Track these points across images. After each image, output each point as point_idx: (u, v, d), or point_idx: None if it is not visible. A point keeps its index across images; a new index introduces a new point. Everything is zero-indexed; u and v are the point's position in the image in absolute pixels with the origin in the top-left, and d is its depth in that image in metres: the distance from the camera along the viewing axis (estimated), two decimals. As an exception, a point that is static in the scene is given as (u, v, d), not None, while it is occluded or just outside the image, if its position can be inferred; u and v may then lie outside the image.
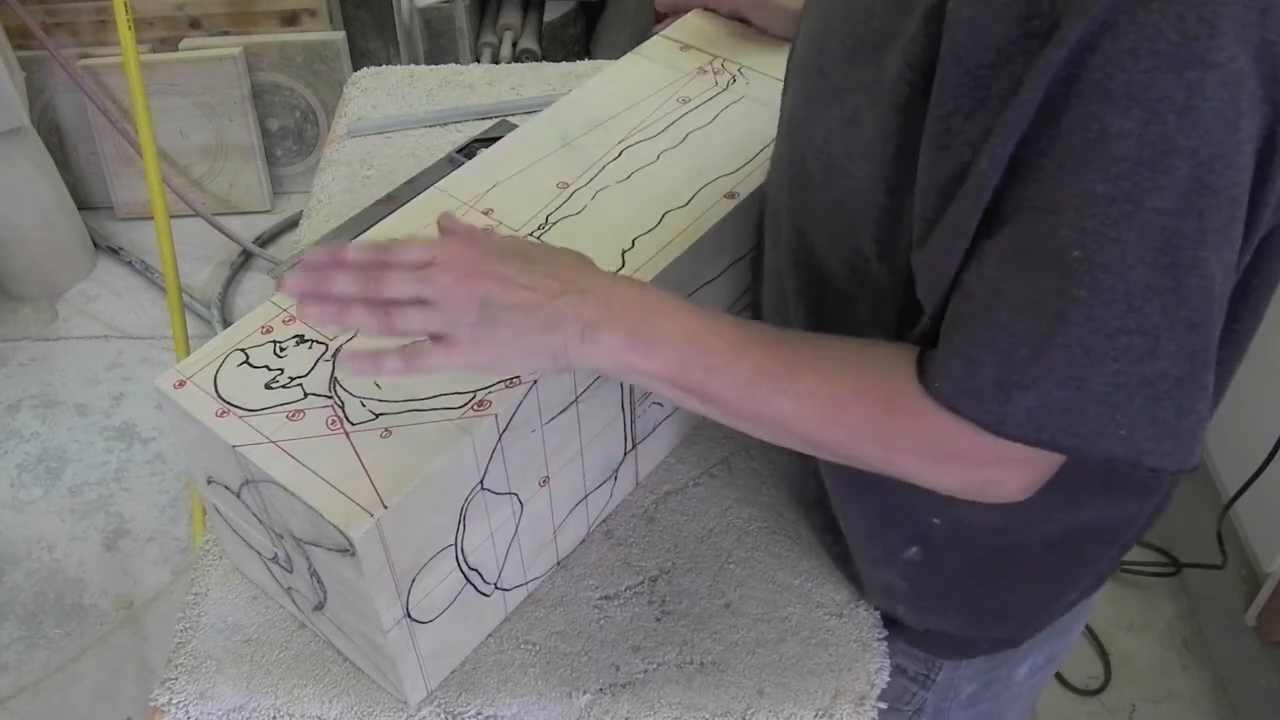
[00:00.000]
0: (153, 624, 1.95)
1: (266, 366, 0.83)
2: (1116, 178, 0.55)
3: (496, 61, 2.56)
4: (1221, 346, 0.60)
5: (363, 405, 0.79)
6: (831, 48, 0.71)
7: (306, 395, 0.80)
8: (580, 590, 0.94)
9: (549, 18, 2.65)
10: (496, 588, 0.89)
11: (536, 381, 0.80)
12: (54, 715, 1.84)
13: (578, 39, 2.74)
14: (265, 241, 2.66)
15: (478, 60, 2.59)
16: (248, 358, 0.83)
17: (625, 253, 0.90)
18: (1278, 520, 1.69)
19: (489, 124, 1.35)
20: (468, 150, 1.27)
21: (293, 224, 2.64)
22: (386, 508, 0.72)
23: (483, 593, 0.87)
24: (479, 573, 0.85)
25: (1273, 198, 0.58)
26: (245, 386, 0.81)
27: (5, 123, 2.30)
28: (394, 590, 0.77)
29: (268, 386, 0.81)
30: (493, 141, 1.16)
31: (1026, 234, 0.58)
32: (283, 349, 0.84)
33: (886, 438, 0.67)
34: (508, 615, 0.92)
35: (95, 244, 2.66)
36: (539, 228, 0.92)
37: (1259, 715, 1.71)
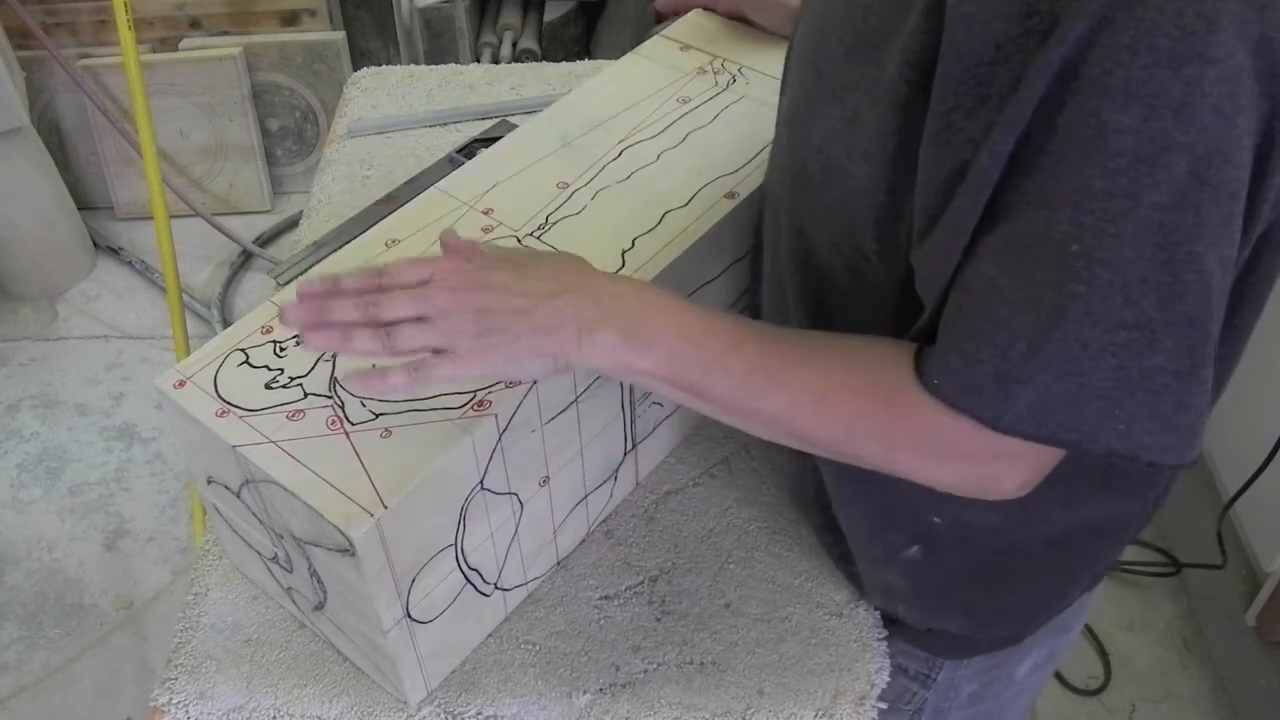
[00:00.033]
0: (153, 624, 1.95)
1: (266, 366, 0.83)
2: (1114, 173, 0.55)
3: (496, 61, 2.56)
4: (1221, 343, 0.60)
5: (363, 405, 0.79)
6: (830, 47, 0.71)
7: (306, 395, 0.80)
8: (580, 590, 0.94)
9: (549, 18, 2.65)
10: (496, 588, 0.89)
11: (536, 381, 0.80)
12: (54, 715, 1.84)
13: (578, 39, 2.74)
14: (265, 241, 2.66)
15: (478, 60, 2.59)
16: (248, 358, 0.83)
17: (625, 253, 0.90)
18: (1278, 520, 1.69)
19: (489, 124, 1.35)
20: (468, 150, 1.27)
21: (293, 224, 2.64)
22: (386, 508, 0.73)
23: (483, 593, 0.87)
24: (479, 573, 0.85)
25: (1271, 193, 0.58)
26: (245, 386, 0.81)
27: (5, 123, 2.30)
28: (394, 590, 0.77)
29: (268, 386, 0.81)
30: (493, 141, 1.16)
31: (1025, 229, 0.58)
32: (283, 349, 0.84)
33: (884, 434, 0.67)
34: (508, 615, 0.92)
35: (95, 244, 2.66)
36: (539, 228, 0.92)
37: (1259, 715, 1.71)
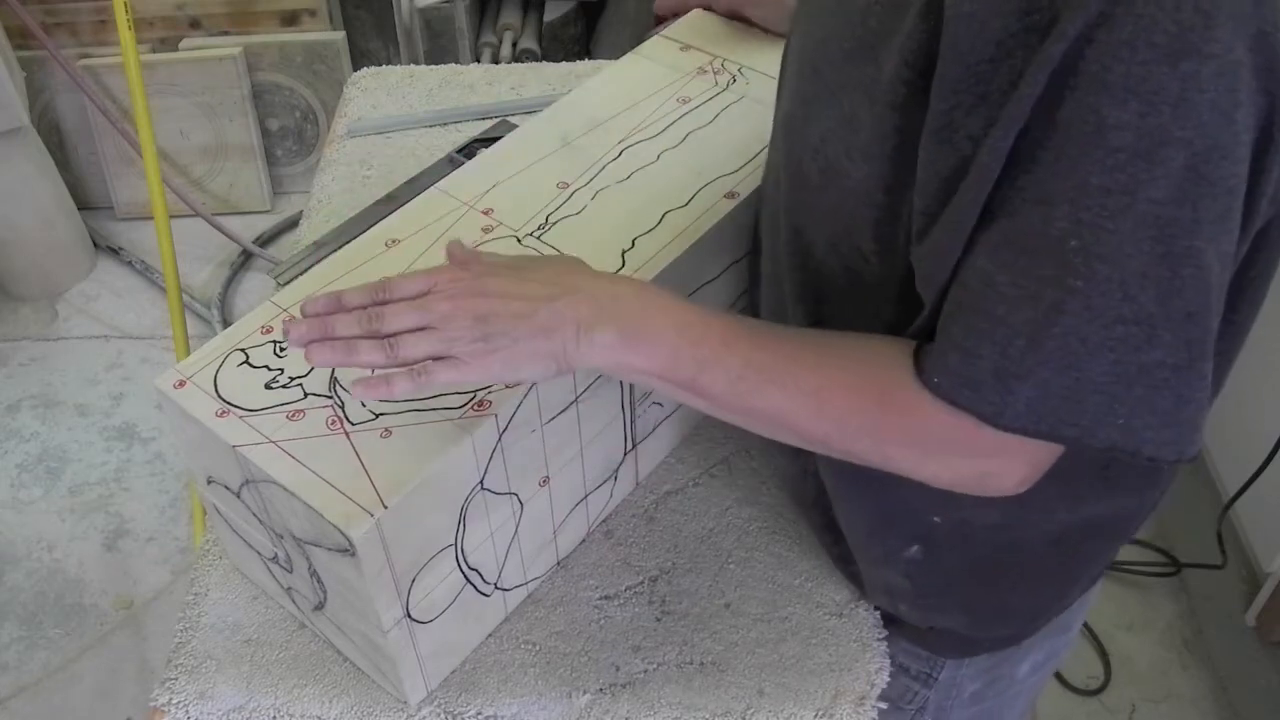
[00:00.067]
0: (153, 624, 1.95)
1: (266, 366, 0.83)
2: (1113, 169, 0.55)
3: (496, 61, 2.56)
4: (1220, 338, 0.61)
5: (363, 405, 0.79)
6: (827, 48, 0.71)
7: (306, 395, 0.80)
8: (580, 590, 0.94)
9: (549, 18, 2.65)
10: (496, 588, 0.89)
11: (536, 382, 0.80)
12: (54, 715, 1.84)
13: (578, 39, 2.74)
14: (265, 241, 2.66)
15: (478, 60, 2.59)
16: (248, 358, 0.83)
17: (625, 253, 0.90)
18: (1278, 520, 1.69)
19: (489, 124, 1.35)
20: (468, 150, 1.27)
21: (293, 224, 2.64)
22: (386, 508, 0.73)
23: (483, 593, 0.87)
24: (479, 573, 0.85)
25: (1269, 189, 0.59)
26: (245, 386, 0.81)
27: (5, 123, 2.30)
28: (394, 590, 0.77)
29: (268, 386, 0.81)
30: (493, 141, 1.16)
31: (1023, 225, 0.58)
32: (283, 349, 0.84)
33: (881, 431, 0.68)
34: (508, 615, 0.92)
35: (95, 244, 2.66)
36: (539, 228, 0.92)
37: (1259, 715, 1.70)
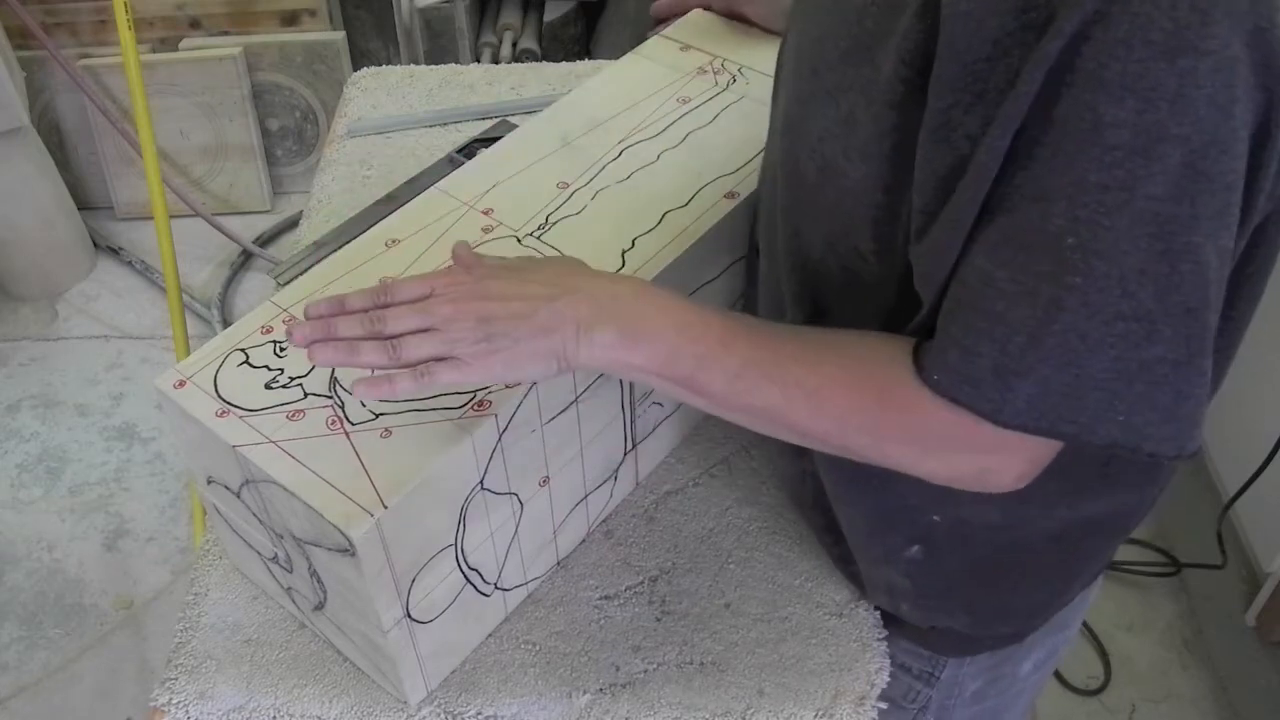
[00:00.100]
0: (153, 624, 1.95)
1: (266, 366, 0.83)
2: (1110, 166, 0.55)
3: (496, 61, 2.56)
4: (1218, 334, 0.61)
5: (363, 405, 0.79)
6: (823, 47, 0.71)
7: (306, 395, 0.80)
8: (580, 590, 0.94)
9: (549, 18, 2.65)
10: (496, 588, 0.89)
11: (536, 382, 0.80)
12: (54, 715, 1.84)
13: (578, 39, 2.74)
14: (265, 241, 2.66)
15: (478, 60, 2.59)
16: (248, 358, 0.83)
17: (625, 253, 0.90)
18: (1278, 520, 1.69)
19: (489, 124, 1.35)
20: (468, 150, 1.27)
21: (293, 224, 2.64)
22: (386, 508, 0.73)
23: (483, 593, 0.87)
24: (479, 573, 0.85)
25: (1267, 184, 0.59)
26: (245, 386, 0.81)
27: (5, 123, 2.30)
28: (394, 590, 0.77)
29: (268, 386, 0.81)
30: (493, 141, 1.16)
31: (1021, 223, 0.58)
32: (283, 349, 0.84)
33: (880, 428, 0.68)
34: (508, 615, 0.92)
35: (95, 244, 2.66)
36: (539, 228, 0.92)
37: (1259, 715, 1.70)
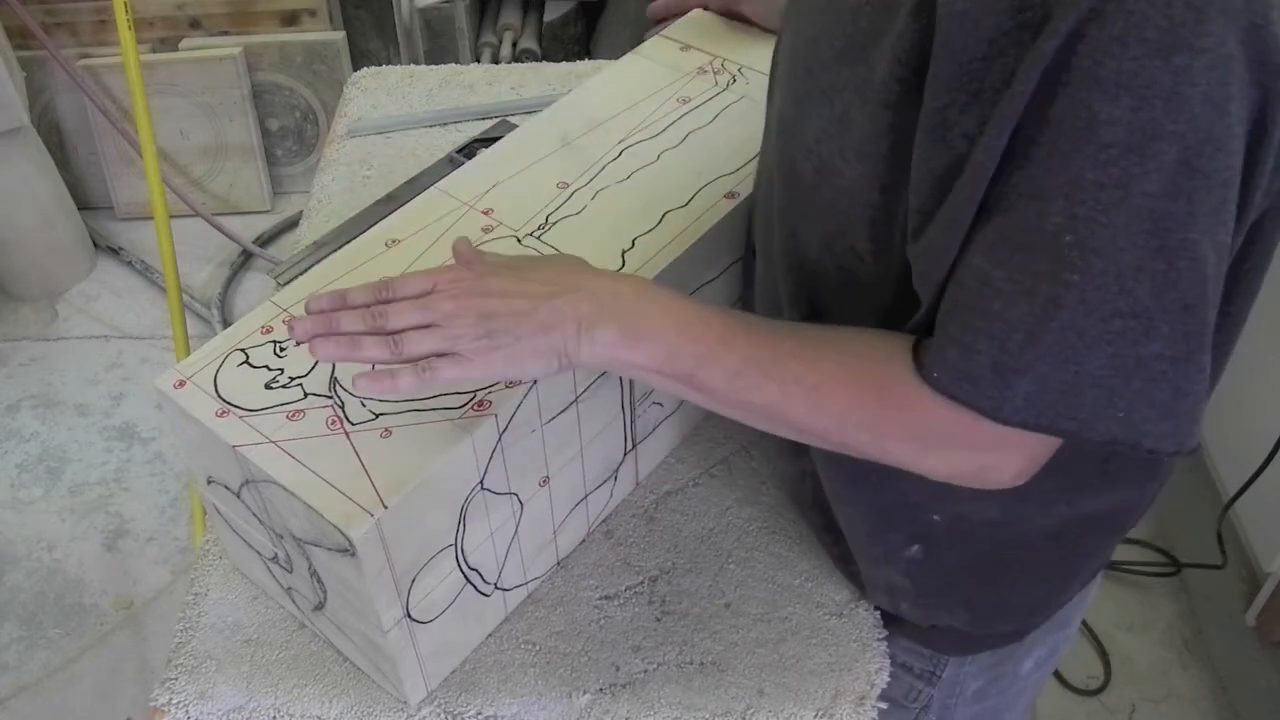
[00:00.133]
0: (153, 624, 1.95)
1: (266, 366, 0.83)
2: (1106, 164, 0.55)
3: (496, 61, 2.56)
4: (1216, 331, 0.61)
5: (363, 405, 0.79)
6: (817, 47, 0.71)
7: (306, 395, 0.80)
8: (580, 590, 0.94)
9: (549, 18, 2.65)
10: (496, 588, 0.89)
11: (536, 381, 0.80)
12: (54, 715, 1.84)
13: (578, 39, 2.74)
14: (265, 241, 2.65)
15: (478, 60, 2.59)
16: (248, 358, 0.83)
17: (625, 253, 0.90)
18: (1278, 520, 1.69)
19: (489, 124, 1.35)
20: (468, 150, 1.27)
21: (293, 224, 2.64)
22: (386, 508, 0.73)
23: (483, 593, 0.87)
24: (479, 573, 0.85)
25: (1263, 180, 0.59)
26: (245, 386, 0.81)
27: (5, 123, 2.30)
28: (394, 590, 0.77)
29: (268, 386, 0.81)
30: (493, 141, 1.16)
31: (1018, 221, 0.58)
32: (283, 349, 0.84)
33: (880, 426, 0.68)
34: (508, 615, 0.92)
35: (95, 244, 2.66)
36: (539, 228, 0.92)
37: (1259, 715, 1.70)
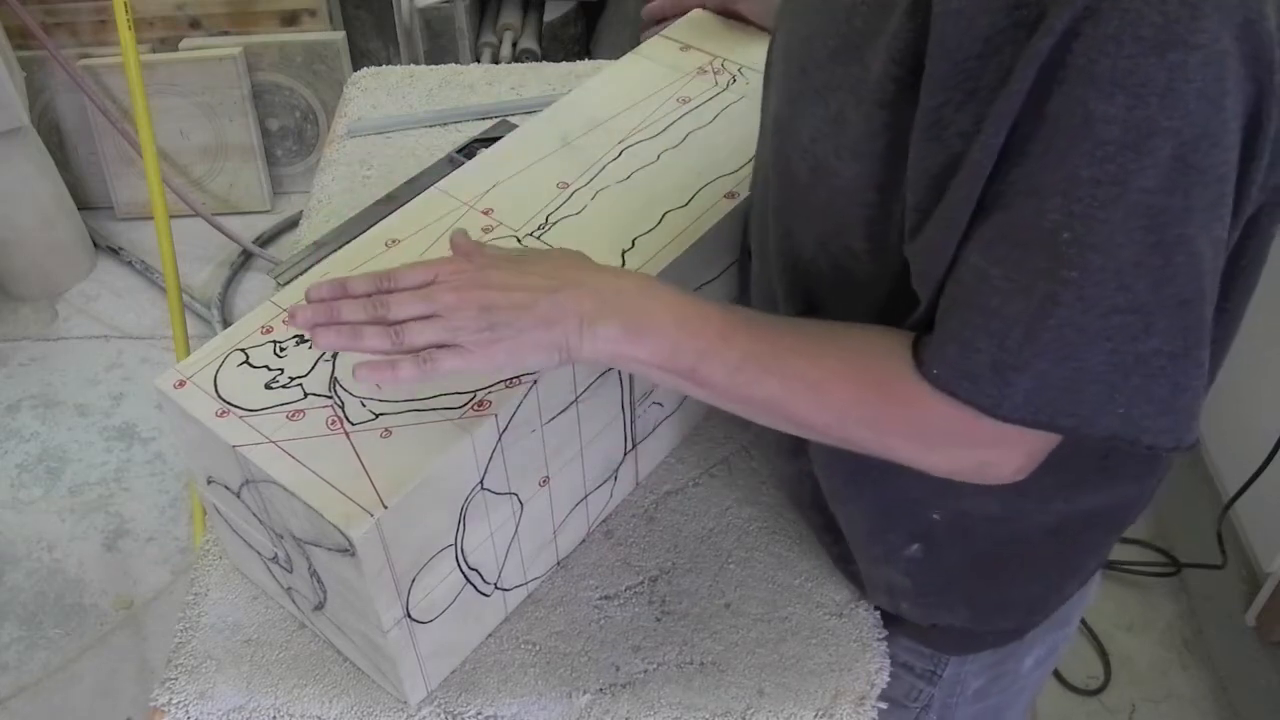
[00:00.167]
0: (153, 624, 1.95)
1: (266, 366, 0.83)
2: (1102, 160, 0.55)
3: (496, 61, 2.56)
4: (1213, 326, 0.61)
5: (363, 405, 0.79)
6: (811, 46, 0.71)
7: (306, 395, 0.80)
8: (580, 590, 0.94)
9: (549, 18, 2.65)
10: (496, 588, 0.89)
11: (536, 381, 0.80)
12: (54, 715, 1.84)
13: (578, 39, 2.74)
14: (265, 241, 2.65)
15: (478, 60, 2.59)
16: (248, 358, 0.83)
17: (625, 253, 0.90)
18: (1278, 520, 1.69)
19: (489, 124, 1.35)
20: (468, 150, 1.27)
21: (293, 224, 2.64)
22: (386, 508, 0.73)
23: (483, 593, 0.87)
24: (479, 573, 0.85)
25: (1258, 175, 0.59)
26: (245, 386, 0.81)
27: (5, 123, 2.30)
28: (394, 590, 0.77)
29: (268, 386, 0.81)
30: (493, 141, 1.16)
31: (1015, 219, 0.59)
32: (283, 349, 0.84)
33: (881, 422, 0.68)
34: (508, 615, 0.92)
35: (95, 244, 2.66)
36: (539, 228, 0.92)
37: (1259, 715, 1.70)
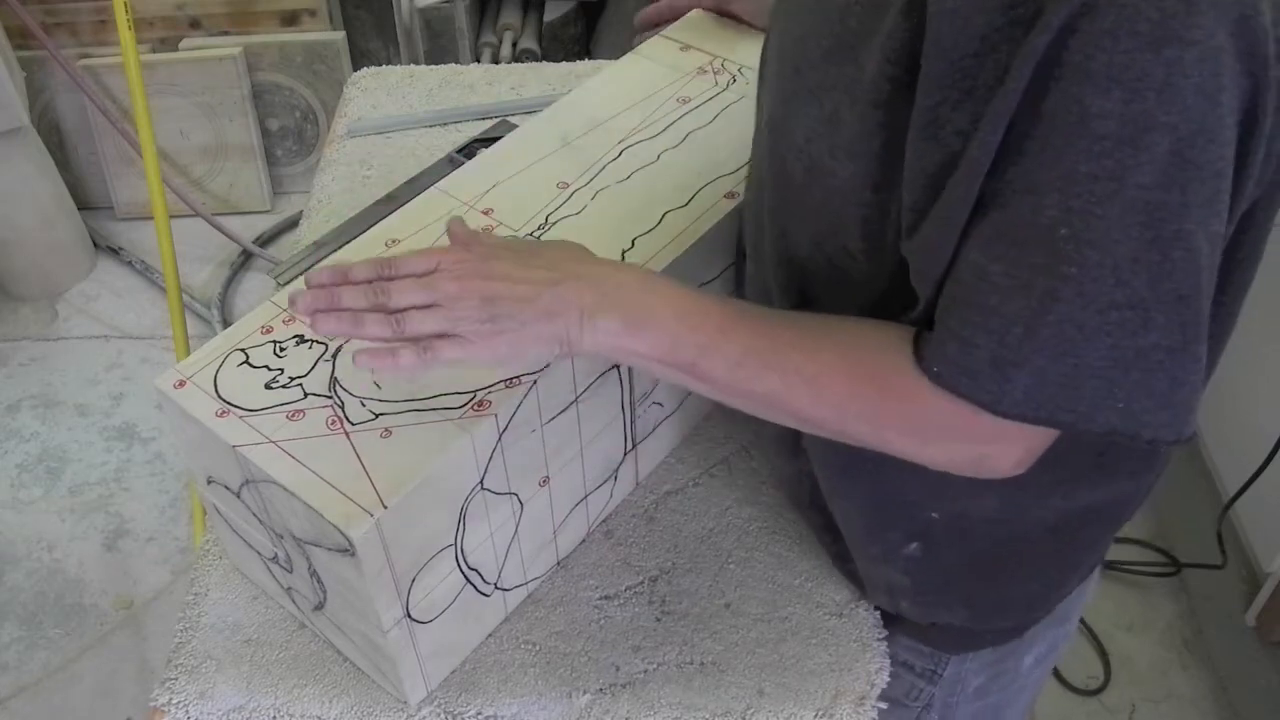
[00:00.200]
0: (153, 624, 1.95)
1: (266, 366, 0.83)
2: (1099, 156, 0.55)
3: (496, 61, 2.56)
4: (1210, 321, 0.61)
5: (363, 405, 0.79)
6: (805, 46, 0.72)
7: (306, 395, 0.80)
8: (580, 590, 0.94)
9: (549, 18, 2.65)
10: (496, 588, 0.89)
11: (536, 381, 0.80)
12: (54, 715, 1.84)
13: (578, 39, 2.74)
14: (265, 241, 2.66)
15: (478, 60, 2.59)
16: (248, 358, 0.83)
17: (625, 253, 0.90)
18: (1278, 520, 1.69)
19: (489, 124, 1.35)
20: (468, 150, 1.27)
21: (293, 224, 2.64)
22: (386, 508, 0.73)
23: (483, 593, 0.87)
24: (479, 573, 0.85)
25: (1255, 170, 0.59)
26: (245, 386, 0.81)
27: (5, 123, 2.30)
28: (394, 590, 0.77)
29: (268, 386, 0.81)
30: (493, 141, 1.16)
31: (1013, 216, 0.59)
32: (283, 349, 0.84)
33: (879, 416, 0.68)
34: (508, 615, 0.92)
35: (95, 244, 2.66)
36: (539, 228, 0.92)
37: (1259, 715, 1.70)
